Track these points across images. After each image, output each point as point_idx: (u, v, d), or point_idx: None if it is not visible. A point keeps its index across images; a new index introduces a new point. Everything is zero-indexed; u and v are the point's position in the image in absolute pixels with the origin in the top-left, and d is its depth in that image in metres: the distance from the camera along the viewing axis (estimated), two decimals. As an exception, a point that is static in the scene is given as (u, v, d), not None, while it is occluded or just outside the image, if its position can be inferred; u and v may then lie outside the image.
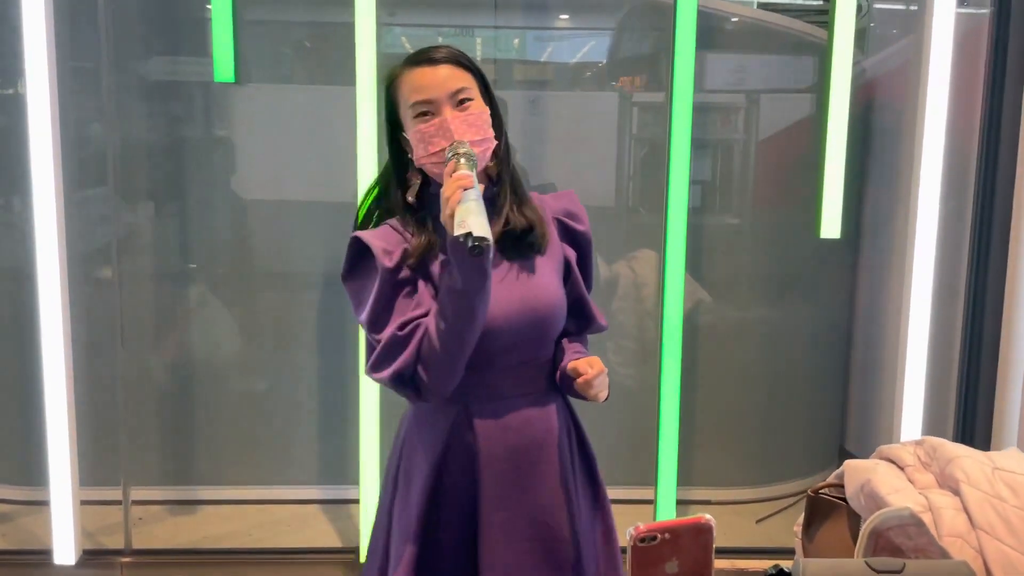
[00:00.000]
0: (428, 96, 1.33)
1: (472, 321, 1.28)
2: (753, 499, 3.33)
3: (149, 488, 3.16)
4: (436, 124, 1.32)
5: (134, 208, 3.12)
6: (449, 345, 1.27)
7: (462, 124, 1.32)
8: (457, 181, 1.22)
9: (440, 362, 1.29)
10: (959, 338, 2.80)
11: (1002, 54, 2.63)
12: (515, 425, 1.39)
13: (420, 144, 1.34)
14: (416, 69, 1.35)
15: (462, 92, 1.35)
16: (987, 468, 1.19)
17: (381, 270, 1.33)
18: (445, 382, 1.32)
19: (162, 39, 3.12)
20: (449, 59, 1.36)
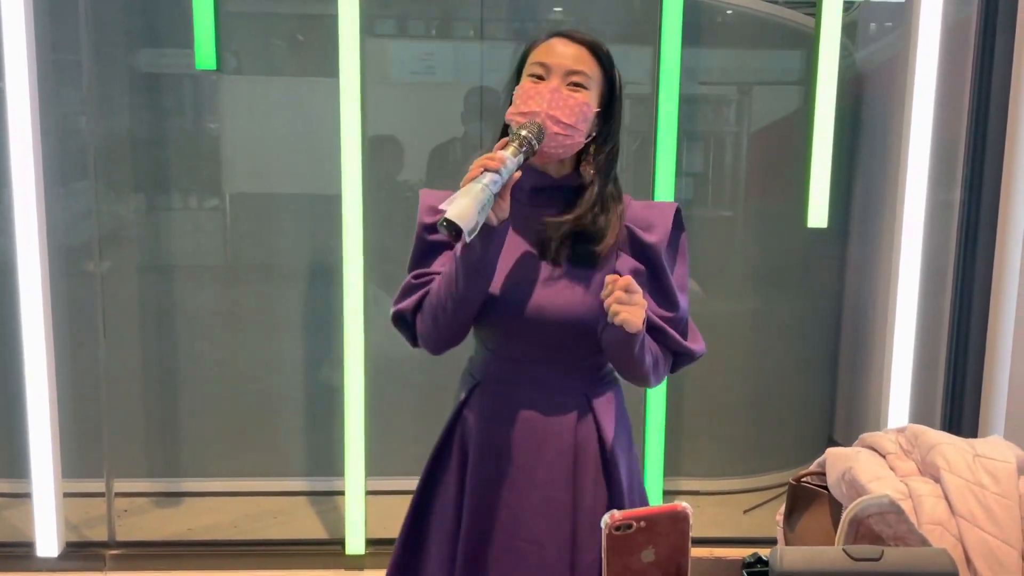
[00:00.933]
0: (548, 61, 1.32)
1: (467, 291, 1.28)
2: (741, 489, 3.33)
3: (133, 480, 3.14)
4: (538, 88, 1.31)
5: (117, 201, 3.09)
6: (441, 308, 1.32)
7: (559, 100, 1.29)
8: (486, 159, 1.20)
9: (434, 319, 1.34)
10: (946, 328, 2.80)
11: (989, 46, 2.62)
12: (509, 416, 1.38)
13: (518, 99, 1.32)
14: (556, 38, 1.35)
15: (579, 76, 1.32)
16: (968, 455, 1.17)
17: (419, 224, 1.40)
18: (433, 339, 1.36)
19: (144, 31, 3.09)
20: (589, 44, 1.34)
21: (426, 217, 1.39)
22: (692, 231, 3.19)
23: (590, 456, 1.40)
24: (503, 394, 1.40)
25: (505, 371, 1.40)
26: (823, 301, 3.53)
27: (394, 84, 3.19)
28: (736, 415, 3.36)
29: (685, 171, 3.29)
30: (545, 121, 1.28)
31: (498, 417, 1.39)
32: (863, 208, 3.42)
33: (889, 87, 3.24)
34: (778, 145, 3.33)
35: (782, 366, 3.41)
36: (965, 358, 2.76)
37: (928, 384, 2.84)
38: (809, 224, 2.58)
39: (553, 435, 1.38)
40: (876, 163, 3.30)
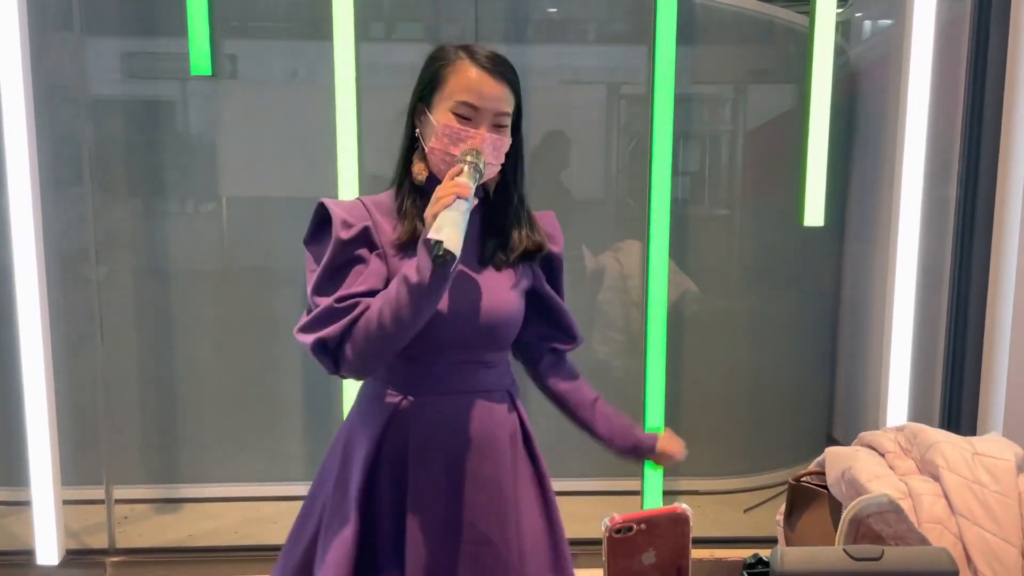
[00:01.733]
0: (479, 103, 1.34)
1: (417, 317, 1.28)
2: (741, 489, 3.33)
3: (133, 487, 3.14)
4: (471, 133, 1.33)
5: (114, 205, 3.09)
6: (388, 331, 1.27)
7: (491, 146, 1.34)
8: (455, 187, 1.23)
9: (370, 345, 1.29)
10: (944, 324, 2.80)
11: (983, 43, 2.62)
12: (455, 421, 1.39)
13: (445, 138, 1.34)
14: (477, 70, 1.35)
15: (503, 118, 1.37)
16: (967, 453, 1.18)
17: (335, 239, 1.34)
18: (368, 363, 1.33)
19: (140, 35, 3.08)
20: (509, 81, 1.37)
21: (342, 232, 1.34)
22: (689, 229, 3.23)
23: (519, 446, 1.46)
24: (438, 402, 1.39)
25: (438, 379, 1.39)
26: (820, 298, 3.53)
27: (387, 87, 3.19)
28: (735, 414, 3.36)
29: (681, 170, 3.29)
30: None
31: (436, 426, 1.38)
32: (859, 205, 3.43)
33: (884, 84, 3.24)
34: (774, 143, 3.34)
35: (780, 364, 3.41)
36: (963, 354, 2.76)
37: (926, 381, 2.84)
38: (806, 223, 2.59)
39: (492, 433, 1.41)
40: (872, 160, 3.31)
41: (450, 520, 1.37)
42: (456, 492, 1.37)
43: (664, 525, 0.97)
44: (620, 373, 3.21)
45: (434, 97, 1.37)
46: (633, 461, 1.57)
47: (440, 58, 1.38)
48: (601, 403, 1.54)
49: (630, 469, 2.85)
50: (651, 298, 2.62)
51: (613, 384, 3.19)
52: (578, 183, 3.22)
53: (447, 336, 1.35)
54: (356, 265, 1.34)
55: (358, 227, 1.35)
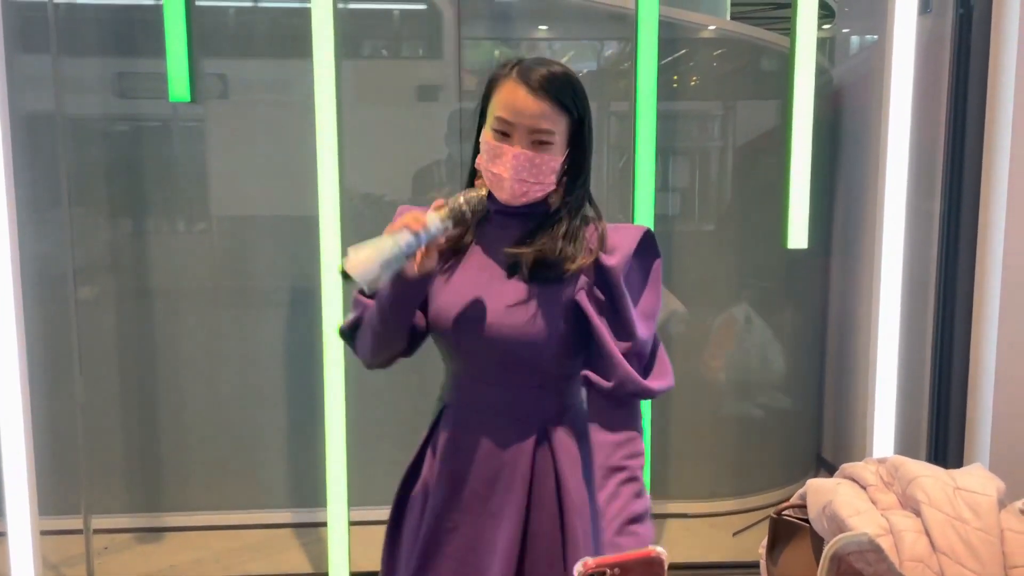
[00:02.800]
0: (511, 119, 1.31)
1: (398, 316, 1.34)
2: (730, 511, 3.30)
3: (113, 516, 3.09)
4: (503, 149, 1.31)
5: (93, 228, 3.06)
6: (375, 327, 1.37)
7: (525, 164, 1.30)
8: (411, 219, 1.25)
9: (367, 337, 1.39)
10: (930, 342, 2.79)
11: (965, 58, 2.63)
12: (474, 438, 1.37)
13: (486, 154, 1.34)
14: (517, 85, 1.31)
15: (544, 135, 1.31)
16: (948, 488, 1.15)
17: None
18: (366, 353, 1.42)
19: (119, 55, 3.06)
20: (551, 96, 1.30)
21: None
22: (677, 246, 3.21)
23: (547, 489, 1.35)
24: (464, 417, 1.40)
25: (467, 393, 1.41)
26: (808, 316, 3.52)
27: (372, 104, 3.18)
28: (723, 434, 3.34)
29: (670, 187, 3.28)
30: (513, 185, 1.31)
31: (459, 440, 1.39)
32: (845, 221, 3.42)
33: (867, 100, 3.24)
34: (761, 159, 3.33)
35: (769, 385, 3.39)
36: (949, 372, 2.74)
37: (914, 399, 2.82)
38: (789, 245, 2.57)
39: (509, 462, 1.36)
40: (856, 175, 3.30)
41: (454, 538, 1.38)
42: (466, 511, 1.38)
43: (638, 569, 0.95)
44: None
45: (486, 113, 1.37)
46: None
47: (496, 73, 1.36)
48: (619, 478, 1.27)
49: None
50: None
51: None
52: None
53: (459, 348, 1.38)
54: None
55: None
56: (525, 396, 1.36)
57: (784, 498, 3.36)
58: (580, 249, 1.33)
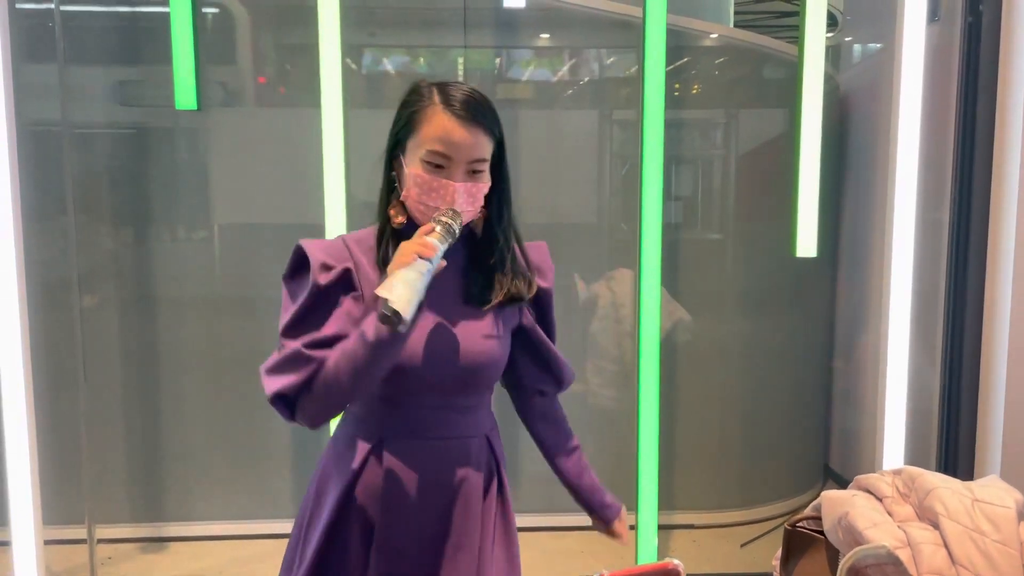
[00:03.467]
0: (448, 153, 1.29)
1: (374, 371, 1.25)
2: (738, 522, 3.28)
3: (117, 526, 3.07)
4: (443, 184, 1.29)
5: (97, 236, 3.05)
6: (343, 385, 1.25)
7: (465, 196, 1.30)
8: (420, 246, 1.20)
9: (328, 397, 1.27)
10: (940, 352, 2.77)
11: (973, 69, 2.62)
12: (429, 466, 1.35)
13: (417, 188, 1.30)
14: (448, 117, 1.29)
15: (479, 163, 1.31)
16: (966, 500, 1.14)
17: (312, 283, 1.30)
18: (320, 415, 1.30)
19: (124, 63, 3.06)
20: (484, 125, 1.31)
21: (320, 277, 1.31)
22: (681, 255, 3.19)
23: (492, 495, 1.42)
24: (412, 448, 1.35)
25: (412, 423, 1.35)
26: (815, 325, 3.50)
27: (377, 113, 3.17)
28: (730, 445, 3.32)
29: (674, 195, 3.27)
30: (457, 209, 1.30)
31: (409, 472, 1.35)
32: (852, 230, 3.40)
33: (874, 107, 3.23)
34: (767, 167, 3.32)
35: (776, 395, 3.36)
36: (959, 381, 2.72)
37: (923, 409, 2.80)
38: (798, 254, 2.56)
39: (465, 481, 1.37)
40: (864, 184, 3.29)
41: (417, 568, 1.34)
42: (420, 540, 1.34)
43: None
44: (613, 404, 3.16)
45: (408, 142, 1.33)
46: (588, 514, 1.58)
47: (414, 102, 1.33)
48: (579, 454, 1.54)
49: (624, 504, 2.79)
50: (643, 328, 2.59)
51: (606, 415, 3.14)
52: (570, 208, 3.20)
53: (424, 381, 1.32)
54: (330, 310, 1.31)
55: (337, 270, 1.32)
56: (471, 414, 1.39)
57: (791, 509, 3.35)
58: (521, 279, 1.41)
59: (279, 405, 1.30)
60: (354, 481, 1.35)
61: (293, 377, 1.27)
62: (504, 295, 1.36)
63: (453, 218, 1.26)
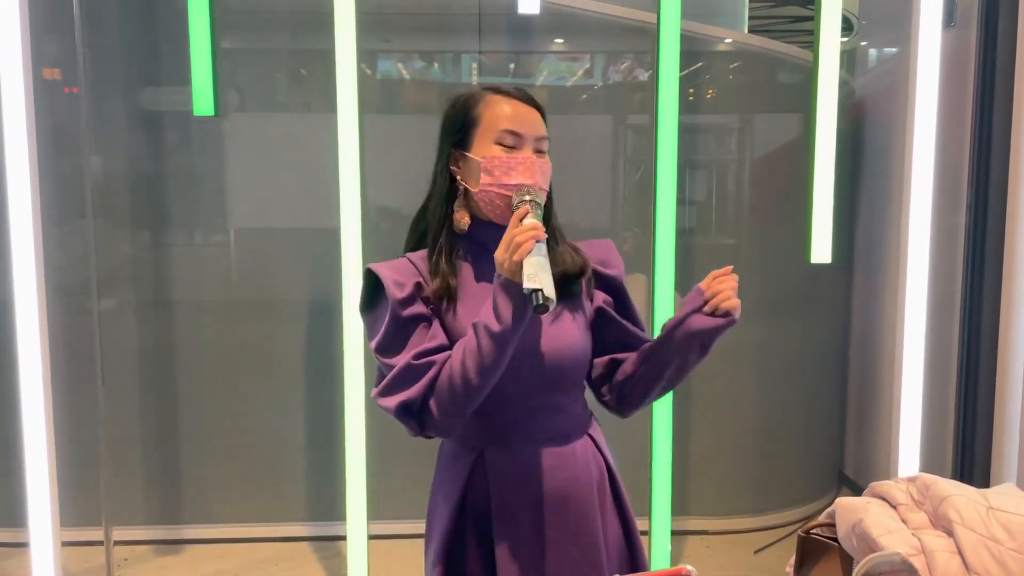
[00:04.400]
0: (521, 129, 1.34)
1: (501, 364, 1.25)
2: (751, 528, 3.26)
3: (134, 528, 3.10)
4: (520, 159, 1.32)
5: (115, 240, 3.09)
6: (471, 384, 1.25)
7: (541, 171, 1.33)
8: (532, 230, 1.20)
9: (455, 398, 1.26)
10: (955, 358, 2.75)
11: (990, 74, 2.60)
12: (533, 473, 1.35)
13: (495, 170, 1.32)
14: (511, 100, 1.36)
15: (544, 142, 1.36)
16: (981, 508, 1.13)
17: (391, 300, 1.31)
18: (454, 420, 1.28)
19: (144, 68, 3.10)
20: (540, 108, 1.38)
21: (397, 292, 1.31)
22: (695, 260, 3.19)
23: (607, 491, 1.43)
24: (514, 455, 1.35)
25: (509, 430, 1.35)
26: (830, 331, 3.48)
27: (392, 119, 3.19)
28: (744, 451, 3.31)
29: (688, 199, 3.27)
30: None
31: (516, 480, 1.34)
32: (868, 234, 3.39)
33: (890, 111, 3.22)
34: (781, 172, 3.31)
35: (790, 400, 3.35)
36: (975, 386, 2.71)
37: (939, 415, 2.78)
38: (812, 260, 2.55)
39: (575, 482, 1.37)
40: (879, 188, 3.28)
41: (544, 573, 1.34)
42: (543, 548, 1.34)
43: (667, 587, 0.93)
44: (627, 409, 3.16)
45: (471, 138, 1.36)
46: (699, 343, 1.40)
47: (467, 102, 1.38)
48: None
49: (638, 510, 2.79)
50: (656, 333, 2.58)
51: (619, 422, 3.14)
52: (584, 213, 3.20)
53: (513, 384, 1.32)
54: (420, 322, 1.32)
55: (410, 284, 1.33)
56: (569, 410, 1.39)
57: (805, 515, 3.33)
58: (579, 256, 1.41)
59: (405, 419, 1.30)
60: (463, 498, 1.36)
61: (412, 389, 1.27)
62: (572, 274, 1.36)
63: (535, 194, 1.28)
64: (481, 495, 1.35)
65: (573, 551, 1.35)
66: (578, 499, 1.37)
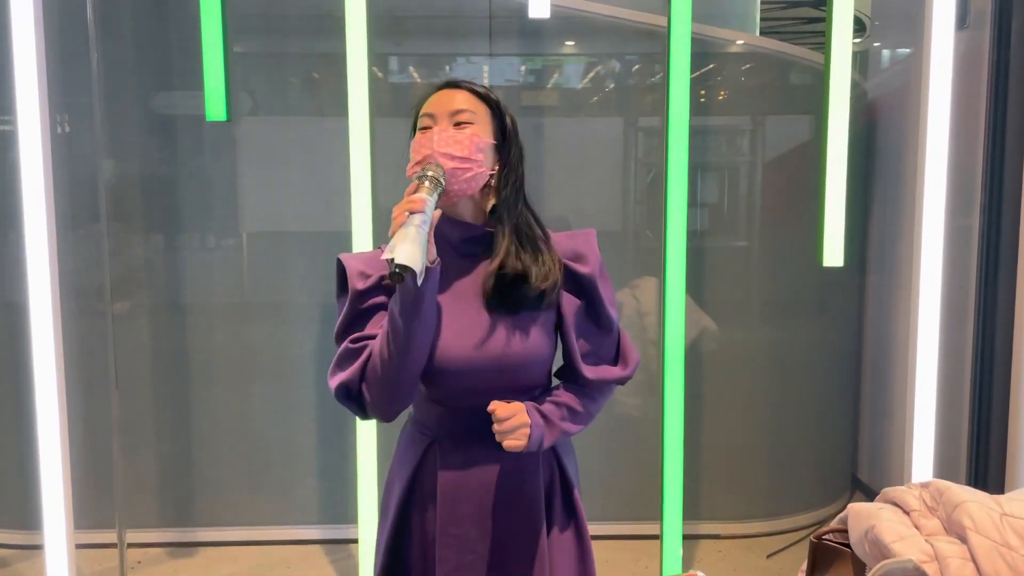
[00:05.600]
0: (434, 110, 1.36)
1: (407, 344, 1.26)
2: (763, 532, 3.25)
3: (147, 531, 3.11)
4: (425, 136, 1.34)
5: (129, 243, 3.10)
6: (388, 365, 1.28)
7: (446, 138, 1.32)
8: (408, 203, 1.22)
9: (379, 381, 1.29)
10: (969, 362, 2.73)
11: (1004, 75, 2.59)
12: (481, 469, 1.36)
13: (412, 153, 1.35)
14: (437, 91, 1.39)
15: (463, 114, 1.36)
16: (995, 514, 1.12)
17: (351, 290, 1.36)
18: (385, 403, 1.31)
19: (156, 73, 3.11)
20: (465, 87, 1.39)
21: (359, 283, 1.35)
22: (707, 262, 3.18)
23: (556, 495, 1.42)
24: (465, 448, 1.37)
25: (464, 424, 1.37)
26: (843, 334, 3.46)
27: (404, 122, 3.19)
28: (757, 454, 3.29)
29: (699, 202, 3.27)
30: (440, 160, 1.30)
31: (463, 473, 1.37)
32: (880, 237, 3.37)
33: (903, 113, 3.20)
34: (793, 174, 3.30)
35: (803, 404, 3.34)
36: (990, 390, 2.68)
37: (953, 419, 2.76)
38: (825, 263, 2.54)
39: (522, 483, 1.38)
40: (892, 190, 3.26)
41: (481, 566, 1.36)
42: (488, 539, 1.36)
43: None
44: (638, 413, 3.15)
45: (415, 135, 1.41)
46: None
47: (418, 101, 1.42)
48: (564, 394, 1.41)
49: (649, 514, 2.78)
50: (668, 336, 2.58)
51: (631, 425, 3.13)
52: (595, 216, 3.20)
53: (461, 382, 1.34)
54: (375, 312, 1.35)
55: (375, 276, 1.36)
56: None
57: (818, 520, 3.31)
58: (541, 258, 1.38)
59: (346, 401, 1.35)
60: (413, 481, 1.39)
61: (348, 370, 1.32)
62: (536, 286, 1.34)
63: (436, 171, 1.28)
64: (429, 482, 1.38)
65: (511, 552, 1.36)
66: (521, 502, 1.37)
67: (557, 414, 1.37)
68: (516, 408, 1.31)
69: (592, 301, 1.41)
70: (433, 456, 1.38)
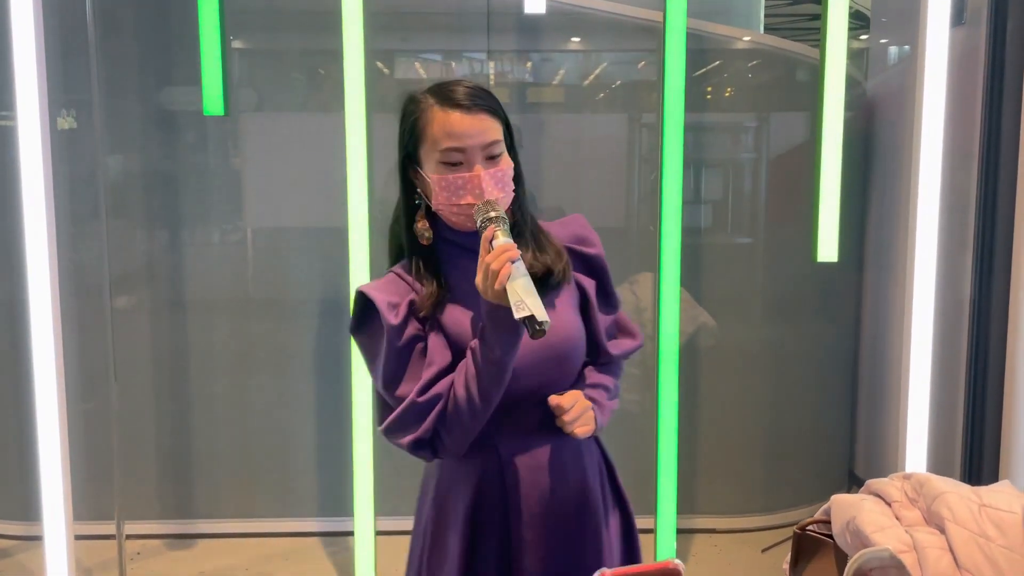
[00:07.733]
0: (462, 145, 1.28)
1: (502, 385, 1.27)
2: (759, 527, 3.26)
3: (146, 522, 3.14)
4: (466, 178, 1.28)
5: (129, 239, 3.12)
6: (477, 409, 1.27)
7: (492, 183, 1.29)
8: (505, 253, 1.19)
9: (464, 424, 1.28)
10: (964, 357, 2.74)
11: (999, 72, 2.59)
12: (548, 464, 1.37)
13: (444, 192, 1.30)
14: (451, 113, 1.29)
15: (495, 146, 1.31)
16: (974, 505, 1.13)
17: (387, 327, 1.29)
18: (465, 442, 1.31)
19: (156, 69, 3.13)
20: (484, 107, 1.30)
21: (391, 317, 1.29)
22: (710, 259, 3.19)
23: (606, 482, 1.45)
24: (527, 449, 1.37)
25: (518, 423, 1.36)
26: (840, 331, 3.47)
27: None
28: (753, 449, 3.30)
29: (703, 199, 3.27)
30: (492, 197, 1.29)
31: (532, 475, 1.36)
32: (877, 236, 3.37)
33: (899, 113, 3.20)
34: (796, 172, 3.30)
35: (800, 399, 3.34)
36: (984, 386, 2.69)
37: (948, 414, 2.77)
38: (819, 258, 2.54)
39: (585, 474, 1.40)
40: (889, 190, 3.26)
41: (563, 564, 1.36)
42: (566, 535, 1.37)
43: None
44: (637, 408, 3.16)
45: (420, 153, 1.34)
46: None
47: (412, 112, 1.34)
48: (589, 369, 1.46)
49: (643, 507, 2.79)
50: (662, 331, 2.59)
51: (629, 420, 3.14)
52: (598, 212, 3.21)
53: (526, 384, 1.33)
54: (416, 343, 1.32)
55: (404, 305, 1.32)
56: None
57: (813, 514, 3.32)
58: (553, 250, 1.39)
59: (418, 451, 1.32)
60: (479, 498, 1.36)
61: (422, 428, 1.28)
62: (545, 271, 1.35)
63: (496, 208, 1.26)
64: (498, 493, 1.36)
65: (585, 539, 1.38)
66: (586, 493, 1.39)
67: (601, 395, 1.42)
68: (576, 395, 1.33)
69: (603, 281, 1.45)
70: (498, 464, 1.36)
